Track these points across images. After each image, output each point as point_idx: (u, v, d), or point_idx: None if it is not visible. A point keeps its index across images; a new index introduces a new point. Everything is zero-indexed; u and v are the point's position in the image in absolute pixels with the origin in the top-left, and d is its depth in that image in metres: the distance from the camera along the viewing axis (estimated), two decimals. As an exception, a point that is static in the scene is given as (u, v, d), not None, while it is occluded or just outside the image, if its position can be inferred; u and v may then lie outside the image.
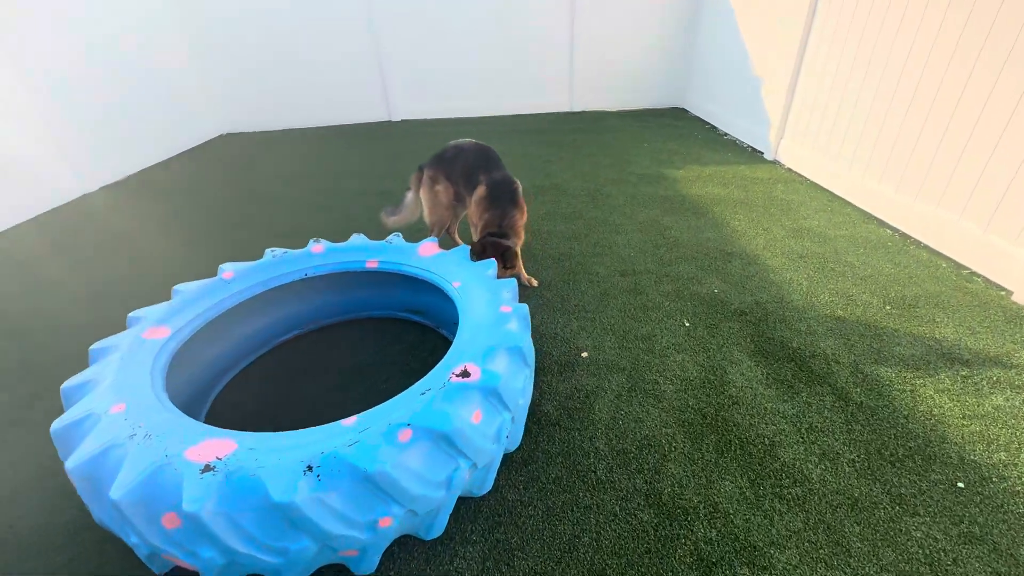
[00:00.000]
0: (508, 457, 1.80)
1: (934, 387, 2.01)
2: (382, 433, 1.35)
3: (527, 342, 1.78)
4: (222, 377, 2.23)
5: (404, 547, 1.54)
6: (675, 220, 3.57)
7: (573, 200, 4.01)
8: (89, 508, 1.39)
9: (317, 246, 2.41)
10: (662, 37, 6.69)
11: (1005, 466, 1.68)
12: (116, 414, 1.41)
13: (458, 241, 3.19)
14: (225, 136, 7.08)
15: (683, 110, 6.91)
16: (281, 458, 1.30)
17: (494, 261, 2.21)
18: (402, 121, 7.19)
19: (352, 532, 1.28)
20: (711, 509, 1.59)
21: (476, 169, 2.70)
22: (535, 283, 2.86)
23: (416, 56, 6.84)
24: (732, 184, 4.17)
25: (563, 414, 1.98)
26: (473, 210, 2.69)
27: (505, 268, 2.52)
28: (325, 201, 4.25)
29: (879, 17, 3.34)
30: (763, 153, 4.87)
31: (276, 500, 1.19)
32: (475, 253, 2.46)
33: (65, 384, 1.60)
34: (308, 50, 6.74)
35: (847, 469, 1.69)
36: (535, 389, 2.11)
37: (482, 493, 1.64)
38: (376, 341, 2.44)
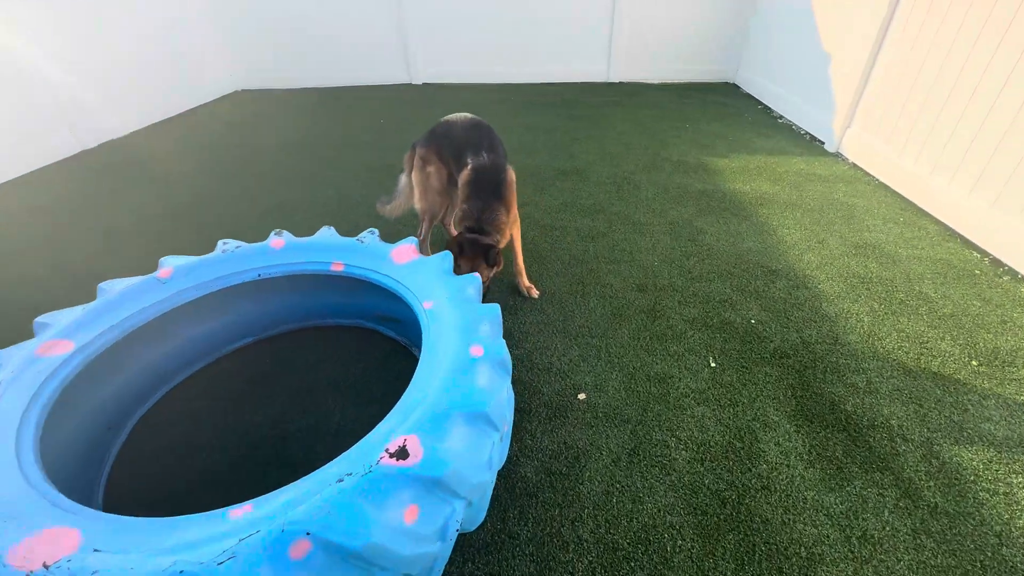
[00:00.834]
0: (464, 538, 1.43)
1: (1036, 488, 1.53)
2: (271, 543, 0.98)
3: (499, 398, 1.38)
4: (146, 399, 1.91)
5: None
6: (711, 222, 3.04)
7: (596, 189, 3.50)
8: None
9: (277, 240, 2.04)
10: (716, 1, 5.89)
11: None
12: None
13: (453, 232, 2.75)
14: (240, 92, 6.74)
15: (734, 86, 6.14)
16: (131, 566, 0.96)
17: (478, 278, 1.80)
18: (424, 85, 6.68)
19: None
20: (719, 651, 1.19)
21: (466, 148, 2.25)
22: (536, 293, 2.44)
23: (441, 14, 6.26)
24: (784, 180, 3.57)
25: (544, 480, 1.59)
26: (459, 191, 2.27)
27: (490, 267, 2.10)
28: (324, 174, 3.88)
29: (999, -18, 2.64)
30: (824, 143, 4.20)
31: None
32: (452, 251, 2.04)
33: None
34: (328, 4, 6.26)
35: (911, 607, 1.26)
36: (514, 440, 1.72)
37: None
38: (336, 357, 2.08)
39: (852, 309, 2.29)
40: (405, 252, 1.95)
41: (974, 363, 1.98)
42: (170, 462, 1.68)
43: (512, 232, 2.30)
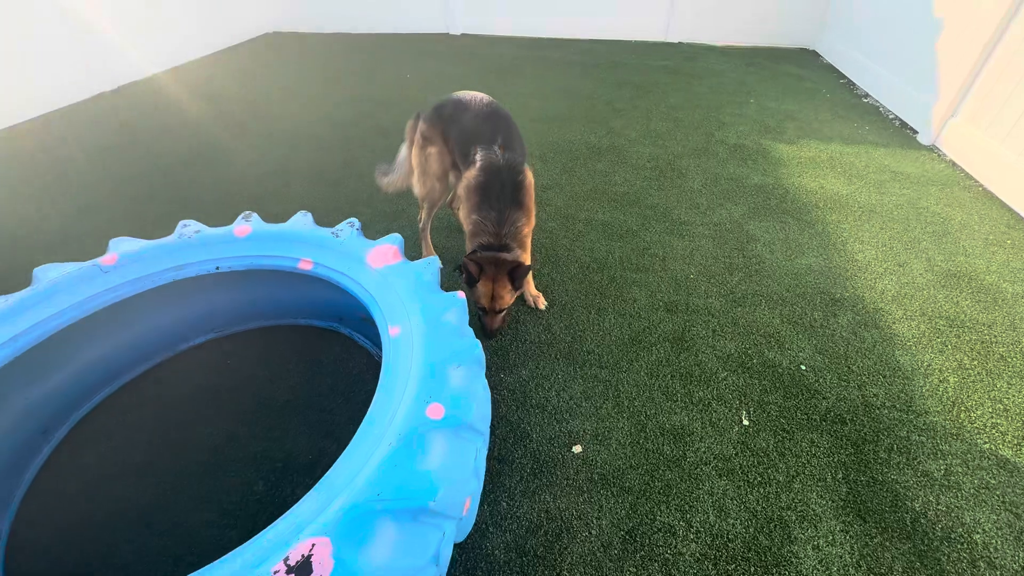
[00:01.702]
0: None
1: None
2: None
3: (455, 483, 1.08)
4: (82, 403, 1.71)
5: None
6: (766, 227, 2.55)
7: (633, 174, 3.03)
8: None
9: (243, 227, 1.76)
10: (807, -52, 5.01)
11: None
12: None
13: (456, 212, 2.38)
14: (272, 35, 6.42)
15: (813, 54, 5.31)
16: None
17: (461, 300, 1.46)
18: (462, 35, 6.15)
19: None
20: None
21: (475, 140, 1.86)
22: (543, 304, 2.08)
23: (483, -47, 5.65)
24: (862, 178, 2.98)
25: (514, 563, 1.30)
26: (462, 199, 1.89)
27: (516, 291, 1.76)
28: (333, 136, 3.55)
29: None
30: (917, 133, 3.51)
31: None
32: (467, 274, 1.71)
33: None
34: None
35: None
36: (487, 499, 1.43)
37: None
38: (302, 368, 1.82)
39: (935, 363, 1.82)
40: (383, 254, 1.63)
41: (1097, 459, 1.52)
42: (94, 483, 1.48)
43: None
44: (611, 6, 5.65)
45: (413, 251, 2.40)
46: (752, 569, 1.28)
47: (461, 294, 1.51)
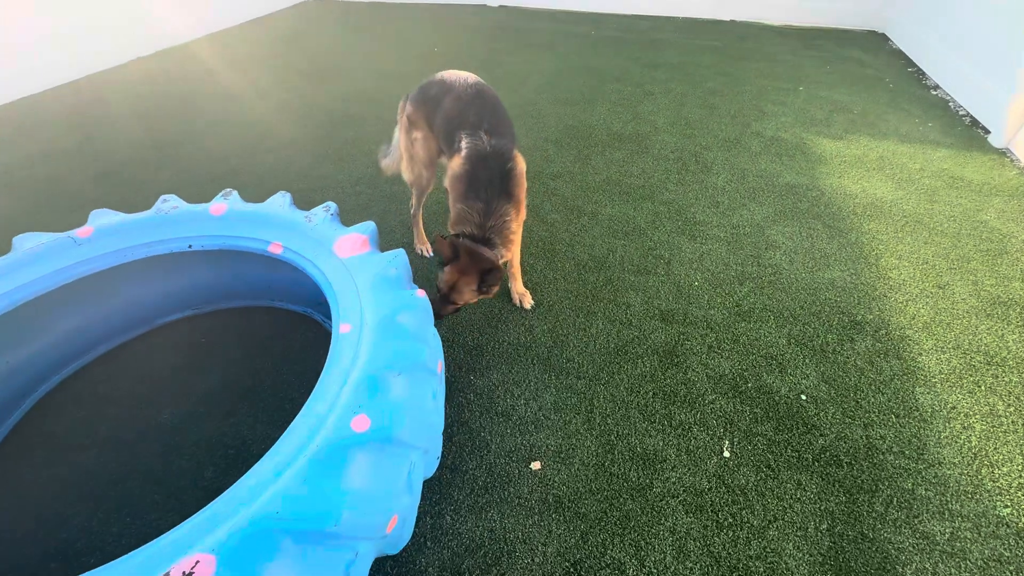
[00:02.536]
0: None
1: None
2: None
3: (369, 505, 1.01)
4: (55, 373, 1.74)
5: None
6: (789, 233, 2.32)
7: (653, 165, 2.82)
8: None
9: (219, 205, 1.72)
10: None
11: None
12: None
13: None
14: (309, 3, 6.39)
15: (882, 37, 4.79)
16: None
17: (424, 301, 1.38)
18: (500, 8, 5.93)
19: None
20: None
21: (459, 125, 1.73)
22: (529, 304, 1.97)
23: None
24: (913, 182, 2.65)
25: (446, 583, 1.23)
26: (448, 189, 1.78)
27: (480, 293, 1.66)
28: (352, 110, 3.49)
29: None
30: (989, 133, 3.09)
31: None
32: (443, 252, 1.61)
33: None
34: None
35: None
36: (429, 512, 1.36)
37: None
38: (270, 351, 1.79)
39: (962, 405, 1.60)
40: (350, 243, 1.56)
41: None
42: (58, 451, 1.51)
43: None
44: (659, -22, 5.28)
45: (408, 236, 2.32)
46: (704, 622, 1.16)
47: (422, 292, 1.43)
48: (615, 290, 2.04)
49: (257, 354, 1.78)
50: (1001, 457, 1.45)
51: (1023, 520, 1.32)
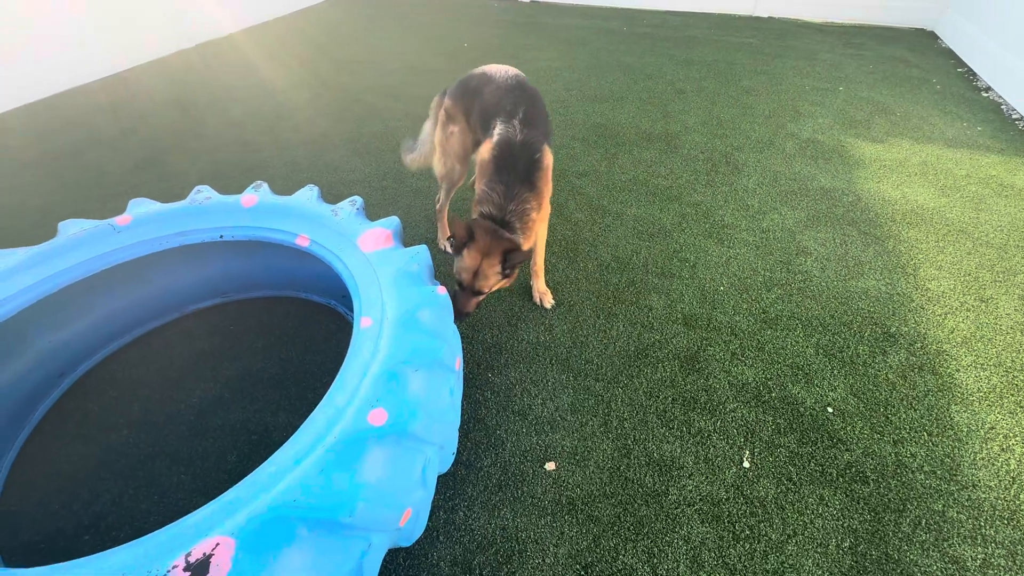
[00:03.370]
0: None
1: None
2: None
3: (383, 497, 1.02)
4: (92, 355, 1.81)
5: None
6: (822, 239, 2.24)
7: (681, 166, 2.77)
8: None
9: (250, 196, 1.77)
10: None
11: None
12: None
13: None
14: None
15: (931, 36, 4.57)
16: None
17: (442, 297, 1.39)
18: (531, 3, 5.89)
19: None
20: None
21: (496, 114, 1.72)
22: (550, 303, 1.96)
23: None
24: (958, 189, 2.53)
25: (457, 578, 1.24)
26: (477, 171, 1.79)
27: (504, 277, 1.64)
28: (380, 104, 3.53)
29: None
30: (1044, 138, 2.92)
31: None
32: (458, 235, 1.58)
33: None
34: None
35: None
36: (442, 507, 1.37)
37: None
38: (296, 340, 1.83)
39: (1001, 425, 1.52)
40: (375, 238, 1.58)
41: None
42: (92, 430, 1.58)
43: (539, 229, 1.81)
44: (695, -27, 5.16)
45: (432, 231, 2.34)
46: (716, 634, 1.14)
47: (442, 289, 1.43)
48: (637, 292, 2.01)
49: (282, 343, 1.83)
50: (1042, 483, 1.38)
51: (1064, 551, 1.25)
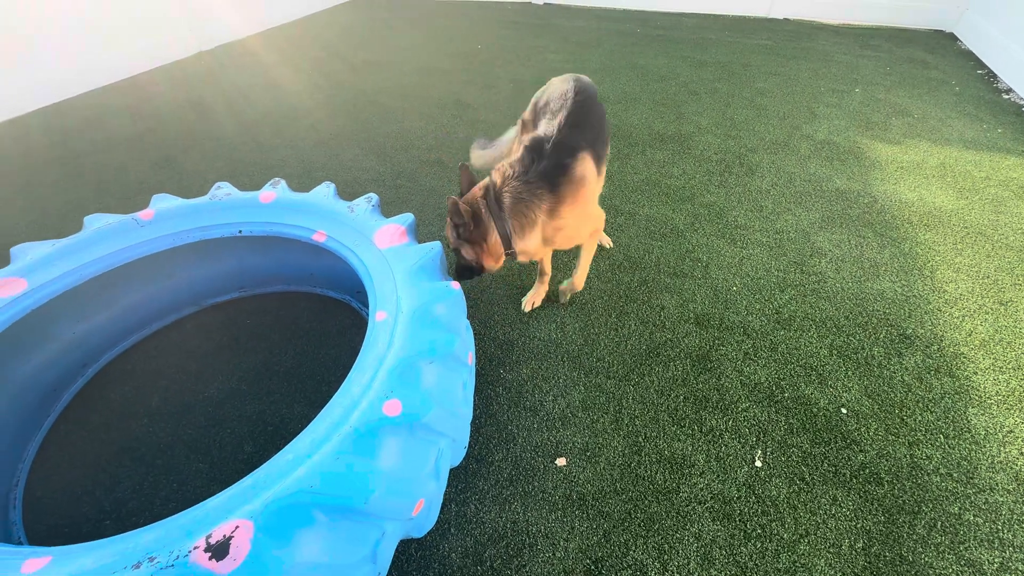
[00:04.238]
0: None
1: None
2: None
3: (397, 484, 1.04)
4: (114, 346, 1.86)
5: None
6: (837, 241, 2.22)
7: (695, 167, 2.76)
8: None
9: (268, 193, 1.80)
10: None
11: None
12: None
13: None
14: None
15: (950, 38, 4.51)
16: None
17: (456, 292, 1.40)
18: (544, 5, 5.91)
19: None
20: None
21: (549, 111, 1.65)
22: (571, 294, 1.94)
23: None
24: (978, 191, 2.50)
25: (467, 569, 1.25)
26: None
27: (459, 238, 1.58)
28: (393, 104, 3.57)
29: None
30: (1067, 141, 2.87)
31: None
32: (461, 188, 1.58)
33: None
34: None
35: None
36: (454, 500, 1.39)
37: None
38: (311, 334, 1.86)
39: (1021, 429, 1.50)
40: (389, 234, 1.60)
41: None
42: (114, 419, 1.62)
43: (585, 243, 1.79)
44: (709, -25, 5.14)
45: (444, 228, 2.36)
46: (726, 632, 1.14)
47: (456, 284, 1.45)
48: (649, 291, 2.01)
49: (297, 337, 1.86)
50: (1062, 487, 1.36)
51: (1084, 556, 1.23)
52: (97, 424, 1.61)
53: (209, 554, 0.86)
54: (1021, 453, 1.44)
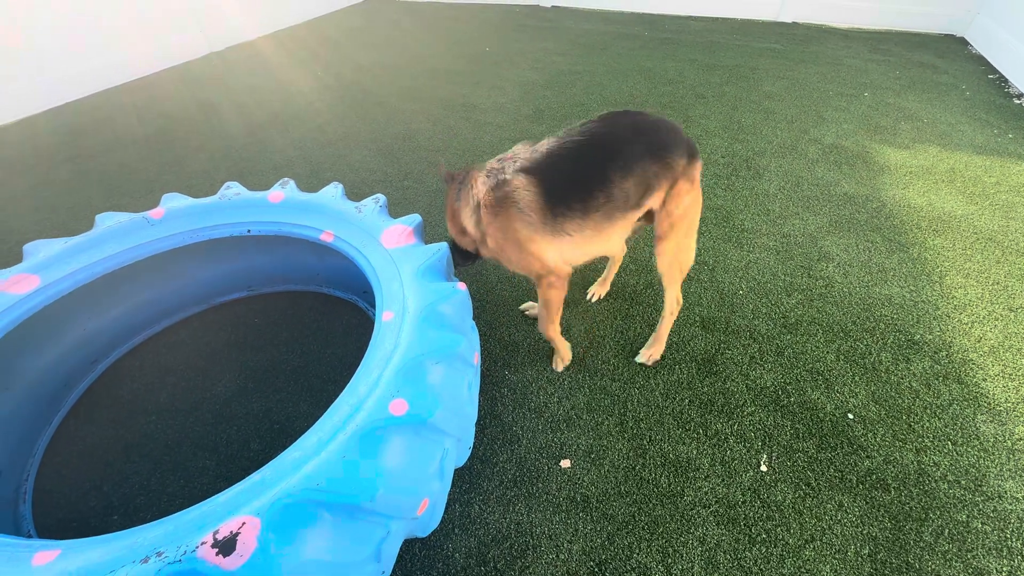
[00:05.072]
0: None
1: None
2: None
3: (401, 483, 1.04)
4: (123, 343, 1.88)
5: None
6: (845, 245, 2.21)
7: (702, 170, 2.75)
8: None
9: (277, 193, 1.82)
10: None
11: None
12: None
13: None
14: (370, 1, 6.59)
15: (960, 42, 4.48)
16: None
17: (462, 293, 1.41)
18: (552, 8, 5.93)
19: None
20: None
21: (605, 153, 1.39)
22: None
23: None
24: (988, 196, 2.48)
25: (471, 570, 1.25)
26: None
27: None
28: (400, 106, 3.59)
29: None
30: (1079, 146, 2.84)
31: None
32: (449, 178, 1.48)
33: None
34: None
35: None
36: (458, 501, 1.39)
37: None
38: (317, 334, 1.87)
39: (1029, 436, 1.48)
40: (396, 234, 1.61)
41: None
42: (122, 415, 1.64)
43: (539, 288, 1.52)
44: (718, -21, 5.14)
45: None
46: (730, 636, 1.14)
47: (462, 285, 1.46)
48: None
49: (304, 337, 1.87)
50: (1072, 496, 1.34)
51: (1094, 566, 1.21)
52: (106, 420, 1.63)
53: (216, 550, 0.87)
54: (1030, 461, 1.42)
